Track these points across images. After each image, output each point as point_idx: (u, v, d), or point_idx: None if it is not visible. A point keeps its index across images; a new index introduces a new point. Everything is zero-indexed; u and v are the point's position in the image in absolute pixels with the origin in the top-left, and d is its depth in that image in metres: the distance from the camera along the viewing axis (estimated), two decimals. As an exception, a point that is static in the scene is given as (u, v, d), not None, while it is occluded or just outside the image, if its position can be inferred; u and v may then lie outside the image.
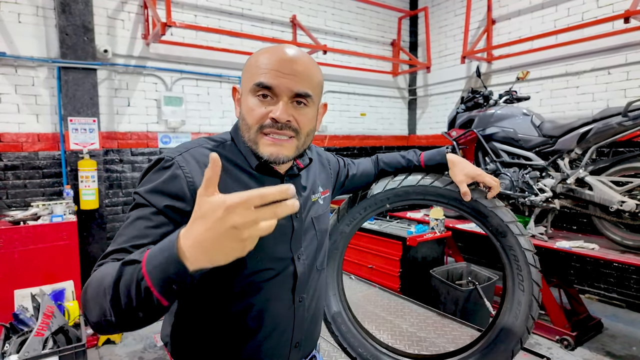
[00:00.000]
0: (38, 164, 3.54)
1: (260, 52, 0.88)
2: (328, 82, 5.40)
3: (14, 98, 3.43)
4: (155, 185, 0.80)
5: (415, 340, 1.74)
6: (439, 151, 1.24)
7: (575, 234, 3.51)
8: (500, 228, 1.11)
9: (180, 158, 0.84)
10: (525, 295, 1.14)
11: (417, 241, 3.26)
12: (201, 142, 0.91)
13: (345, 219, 1.26)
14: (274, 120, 0.83)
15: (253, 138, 0.86)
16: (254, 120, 0.85)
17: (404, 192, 1.18)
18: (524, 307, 1.14)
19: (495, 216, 1.10)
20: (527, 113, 3.38)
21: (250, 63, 0.89)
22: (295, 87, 0.84)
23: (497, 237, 1.14)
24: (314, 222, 1.00)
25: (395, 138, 6.27)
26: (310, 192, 1.01)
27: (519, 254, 1.12)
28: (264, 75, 0.83)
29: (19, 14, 3.40)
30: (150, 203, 0.78)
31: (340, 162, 1.26)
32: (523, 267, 1.12)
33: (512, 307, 1.16)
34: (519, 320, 1.15)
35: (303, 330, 0.97)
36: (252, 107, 0.85)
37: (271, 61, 0.84)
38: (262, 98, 0.84)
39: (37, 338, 2.29)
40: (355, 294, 2.34)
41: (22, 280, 2.82)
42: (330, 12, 5.39)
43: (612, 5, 3.88)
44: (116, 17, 3.86)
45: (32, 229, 2.87)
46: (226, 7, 4.51)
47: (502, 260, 1.19)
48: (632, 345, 3.21)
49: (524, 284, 1.13)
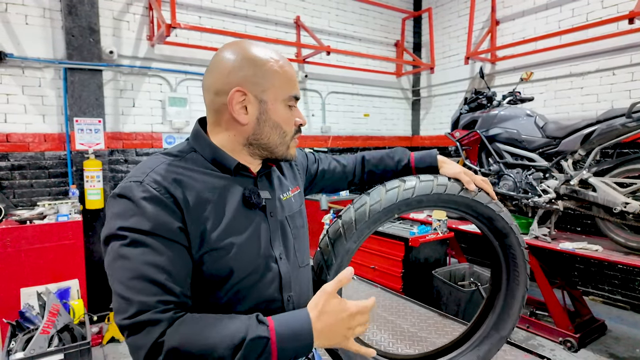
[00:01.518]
0: (44, 163, 3.58)
1: (282, 63, 0.91)
2: (331, 82, 5.41)
3: (21, 99, 3.47)
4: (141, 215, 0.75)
5: (416, 340, 1.74)
6: (429, 153, 1.23)
7: (578, 235, 3.49)
8: (505, 230, 1.17)
9: (148, 179, 0.80)
10: (520, 288, 1.25)
11: (419, 242, 3.26)
12: (157, 161, 0.86)
13: (354, 236, 1.10)
14: (301, 126, 0.97)
15: (288, 142, 0.95)
16: (291, 128, 0.94)
17: (416, 202, 1.11)
18: (519, 298, 1.26)
19: (501, 219, 1.15)
20: (531, 114, 3.38)
21: (274, 70, 0.89)
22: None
23: (499, 237, 1.20)
24: (288, 221, 1.00)
25: (399, 139, 6.27)
26: (280, 191, 1.02)
27: (517, 252, 1.20)
28: (295, 88, 0.93)
29: (26, 16, 3.45)
30: (152, 232, 0.74)
31: (309, 156, 1.27)
32: (520, 264, 1.22)
33: (506, 299, 1.27)
34: (513, 310, 1.27)
35: None
36: (289, 116, 0.93)
37: (293, 73, 0.94)
38: (291, 108, 0.94)
39: (43, 336, 2.32)
40: (357, 293, 2.35)
41: (28, 278, 2.86)
42: (333, 13, 5.40)
43: (617, 5, 3.87)
44: (122, 19, 3.90)
45: (38, 228, 2.91)
46: (230, 9, 4.54)
47: (497, 258, 1.26)
48: (636, 348, 3.19)
49: (520, 278, 1.23)
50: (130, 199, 0.77)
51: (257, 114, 0.89)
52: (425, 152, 1.24)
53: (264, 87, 0.88)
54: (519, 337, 3.35)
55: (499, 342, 1.30)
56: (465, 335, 1.38)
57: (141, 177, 0.80)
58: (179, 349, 0.66)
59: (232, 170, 0.90)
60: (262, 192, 0.93)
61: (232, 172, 0.90)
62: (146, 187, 0.78)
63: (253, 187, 0.93)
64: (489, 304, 1.35)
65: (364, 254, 3.72)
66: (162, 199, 0.78)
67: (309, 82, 5.22)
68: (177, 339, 0.66)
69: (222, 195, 0.87)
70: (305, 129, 5.25)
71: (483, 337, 1.32)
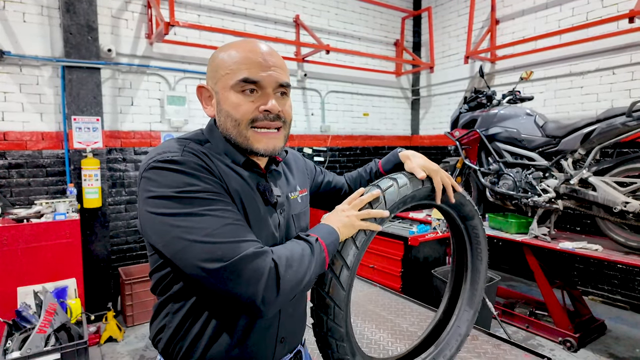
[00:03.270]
0: (42, 162, 3.57)
1: (231, 48, 0.89)
2: (331, 82, 5.40)
3: (19, 97, 3.45)
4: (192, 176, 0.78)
5: (414, 340, 1.73)
6: (393, 153, 1.26)
7: (578, 235, 3.48)
8: (471, 213, 1.30)
9: (187, 150, 0.83)
10: (483, 264, 1.39)
11: (418, 241, 3.25)
12: (183, 142, 0.88)
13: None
14: (266, 113, 0.87)
15: (244, 133, 0.88)
16: (242, 115, 0.86)
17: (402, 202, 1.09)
18: (482, 272, 1.40)
19: (469, 203, 1.27)
20: (531, 113, 3.37)
21: (222, 59, 0.88)
22: (280, 79, 0.88)
23: (465, 220, 1.32)
24: (294, 220, 1.01)
25: (398, 138, 6.26)
26: (289, 190, 1.03)
27: (480, 231, 1.35)
28: (248, 70, 0.85)
29: (24, 14, 3.43)
30: (213, 192, 0.79)
31: (316, 168, 1.31)
32: (482, 242, 1.37)
33: (473, 276, 1.41)
34: (479, 284, 1.41)
35: (288, 325, 0.98)
36: (239, 102, 0.86)
37: (250, 56, 0.86)
38: (249, 93, 0.86)
39: (39, 335, 2.31)
40: (356, 292, 2.34)
41: (26, 277, 2.84)
42: (333, 12, 5.39)
43: (617, 5, 3.86)
44: (120, 17, 3.88)
45: (35, 227, 2.89)
46: (230, 7, 4.52)
47: (462, 239, 1.38)
48: (636, 348, 3.18)
49: (482, 255, 1.38)
50: (176, 168, 0.78)
51: (216, 105, 0.91)
52: (390, 153, 1.28)
53: (216, 78, 0.89)
54: (518, 336, 3.34)
55: (473, 317, 1.42)
56: (442, 320, 1.46)
57: (177, 152, 0.81)
58: (287, 257, 0.80)
59: (242, 165, 0.91)
60: (274, 188, 0.96)
61: (242, 167, 0.91)
62: (188, 158, 0.80)
63: (266, 183, 0.94)
64: (457, 285, 1.47)
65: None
66: (208, 168, 0.81)
67: (309, 81, 5.20)
68: (282, 253, 0.80)
69: (244, 185, 0.88)
70: (305, 128, 5.23)
71: (460, 317, 1.42)
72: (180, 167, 0.78)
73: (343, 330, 1.00)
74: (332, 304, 0.97)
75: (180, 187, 0.76)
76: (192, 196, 0.76)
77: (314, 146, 5.26)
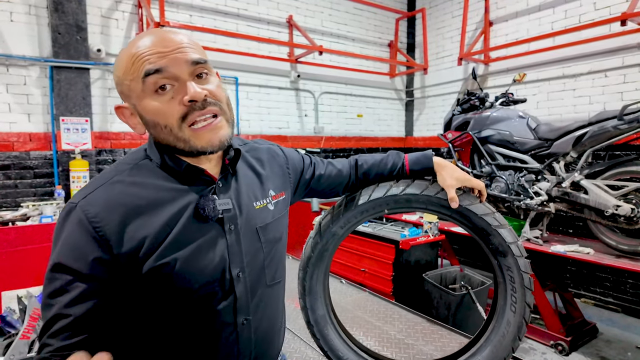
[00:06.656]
0: (29, 163, 3.51)
1: (123, 52, 0.77)
2: (325, 83, 5.37)
3: (5, 97, 3.40)
4: (62, 246, 0.71)
5: (402, 347, 1.71)
6: (425, 155, 1.14)
7: (570, 237, 3.48)
8: (502, 247, 1.07)
9: (84, 202, 0.73)
10: (517, 317, 1.10)
11: (410, 245, 3.23)
12: (111, 173, 0.79)
13: (340, 222, 1.16)
14: (192, 103, 0.75)
15: (181, 136, 0.76)
16: (168, 118, 0.75)
17: (405, 200, 1.10)
18: (513, 328, 1.11)
19: (498, 235, 1.06)
20: (523, 116, 3.35)
21: (120, 68, 0.77)
22: (188, 57, 0.75)
23: (496, 255, 1.10)
24: (258, 233, 0.89)
25: (392, 139, 6.24)
26: (253, 198, 0.90)
27: (516, 275, 1.08)
28: (147, 62, 0.73)
29: (11, 13, 3.38)
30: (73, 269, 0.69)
31: (305, 159, 1.14)
32: (518, 289, 1.09)
33: (500, 326, 1.13)
34: (505, 340, 1.12)
35: (251, 352, 0.89)
36: (158, 105, 0.75)
37: (146, 46, 0.74)
38: (162, 91, 0.75)
39: (23, 341, 2.26)
40: (345, 298, 2.31)
41: (11, 281, 2.78)
42: (327, 13, 5.36)
43: (609, 7, 3.86)
44: (110, 17, 3.84)
45: (20, 230, 2.84)
46: (222, 7, 4.48)
47: (496, 278, 1.15)
48: (628, 351, 3.18)
49: (517, 305, 1.09)
50: (60, 228, 0.73)
51: (141, 121, 0.80)
52: (420, 154, 1.15)
53: (127, 91, 0.78)
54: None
55: None
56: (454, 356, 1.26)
57: (92, 190, 0.76)
58: None
59: (182, 173, 0.81)
60: (221, 200, 0.83)
61: (185, 177, 0.81)
62: (88, 209, 0.73)
63: (210, 195, 0.82)
64: (484, 327, 1.22)
65: (353, 256, 3.69)
66: (88, 227, 0.72)
67: (302, 82, 5.18)
68: None
69: (171, 207, 0.78)
70: (298, 129, 5.20)
71: None
72: (65, 228, 0.73)
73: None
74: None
75: (54, 259, 0.71)
76: (55, 277, 0.70)
77: (307, 147, 5.23)
